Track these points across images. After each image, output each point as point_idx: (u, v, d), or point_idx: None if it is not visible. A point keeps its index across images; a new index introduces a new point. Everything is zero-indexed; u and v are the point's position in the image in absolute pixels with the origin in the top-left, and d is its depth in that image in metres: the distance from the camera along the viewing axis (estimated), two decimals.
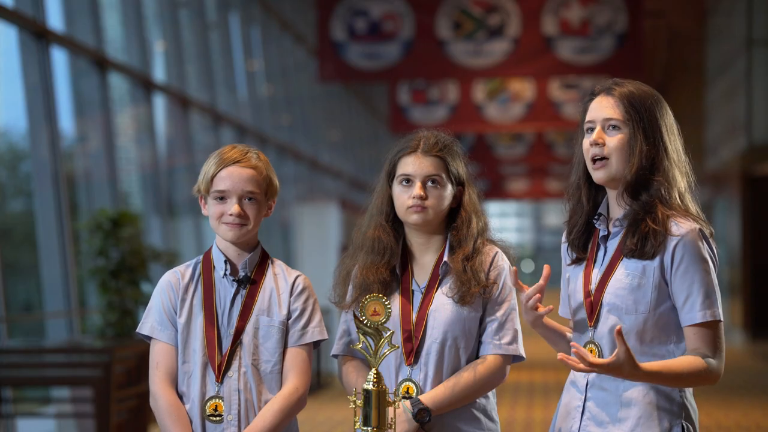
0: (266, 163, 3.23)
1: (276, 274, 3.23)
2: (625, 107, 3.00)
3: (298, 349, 3.19)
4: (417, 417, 3.16)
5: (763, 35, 18.42)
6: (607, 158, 3.00)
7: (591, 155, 3.02)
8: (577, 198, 3.12)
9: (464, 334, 3.24)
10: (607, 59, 14.67)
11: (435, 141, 3.31)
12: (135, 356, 7.99)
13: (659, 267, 2.96)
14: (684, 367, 2.90)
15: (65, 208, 9.51)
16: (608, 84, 3.07)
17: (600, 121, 3.02)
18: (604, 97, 3.04)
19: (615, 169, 3.00)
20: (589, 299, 3.03)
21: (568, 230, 3.14)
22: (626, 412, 2.97)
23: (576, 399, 3.06)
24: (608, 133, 3.01)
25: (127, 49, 12.14)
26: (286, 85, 19.48)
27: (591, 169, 3.03)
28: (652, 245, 2.95)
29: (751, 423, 9.82)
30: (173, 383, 3.16)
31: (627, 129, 3.00)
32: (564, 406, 3.10)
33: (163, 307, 3.19)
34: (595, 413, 3.01)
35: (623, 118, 3.00)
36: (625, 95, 3.02)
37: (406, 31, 14.72)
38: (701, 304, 2.93)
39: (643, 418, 2.96)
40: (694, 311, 2.93)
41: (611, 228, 3.06)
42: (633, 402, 2.97)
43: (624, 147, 2.99)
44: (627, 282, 2.98)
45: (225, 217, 3.16)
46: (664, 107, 3.05)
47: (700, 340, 2.94)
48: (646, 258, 2.96)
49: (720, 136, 21.52)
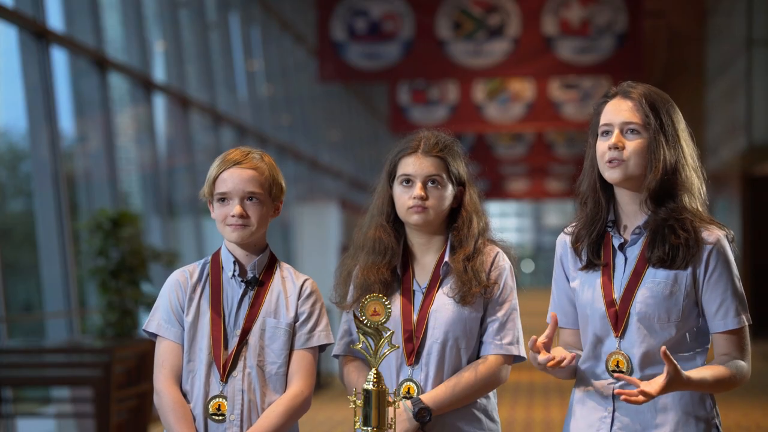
0: (270, 164, 3.22)
1: (284, 277, 3.24)
2: (645, 111, 2.95)
3: (304, 352, 3.19)
4: (417, 416, 3.16)
5: (763, 35, 18.42)
6: (625, 161, 2.94)
7: (608, 158, 2.95)
8: (595, 202, 3.04)
9: (465, 334, 3.24)
10: (607, 59, 14.67)
11: (435, 141, 3.31)
12: (135, 356, 7.98)
13: (692, 275, 2.93)
14: (725, 373, 2.91)
15: (65, 208, 9.51)
16: (624, 86, 3.02)
17: (618, 125, 2.96)
18: (622, 100, 2.99)
19: (631, 170, 2.94)
20: (614, 309, 2.97)
21: (580, 234, 3.06)
22: (663, 417, 2.95)
23: (600, 410, 3.01)
24: (626, 137, 2.96)
25: (127, 49, 12.14)
26: (286, 85, 19.48)
27: (604, 168, 2.97)
28: (685, 255, 2.92)
29: (751, 423, 9.82)
30: (178, 381, 3.17)
31: (647, 134, 2.95)
32: (583, 419, 3.05)
33: (171, 305, 3.20)
34: (626, 423, 2.98)
35: (643, 122, 2.95)
36: (644, 98, 2.97)
37: (406, 31, 14.72)
38: (735, 310, 2.93)
39: (681, 423, 2.95)
40: (729, 317, 2.93)
41: (627, 235, 3.00)
42: (668, 407, 2.96)
43: (644, 151, 2.94)
44: (659, 291, 2.94)
45: (228, 218, 3.16)
46: (678, 111, 3.01)
47: (732, 345, 2.95)
48: (677, 267, 2.93)
49: (720, 136, 21.52)
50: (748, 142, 18.43)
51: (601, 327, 3.00)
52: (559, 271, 3.13)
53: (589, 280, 3.04)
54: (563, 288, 3.12)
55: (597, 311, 3.00)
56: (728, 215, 20.58)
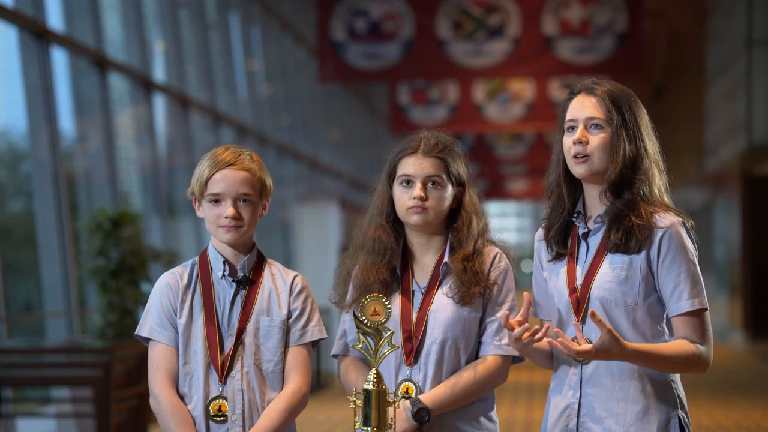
0: (259, 164, 3.23)
1: (273, 275, 3.24)
2: (607, 106, 3.05)
3: (299, 348, 3.20)
4: (416, 416, 3.16)
5: (763, 35, 18.42)
6: (589, 156, 3.04)
7: (573, 153, 3.05)
8: (558, 195, 3.15)
9: (464, 334, 3.24)
10: (607, 59, 14.67)
11: (436, 142, 3.31)
12: (135, 356, 7.98)
13: (646, 259, 3.00)
14: (674, 351, 2.95)
15: (65, 208, 9.51)
16: (588, 83, 3.11)
17: (582, 120, 3.06)
18: (586, 96, 3.08)
19: (596, 165, 3.04)
20: (575, 295, 3.06)
21: (547, 227, 3.17)
22: (624, 406, 3.00)
23: (569, 398, 3.08)
24: (590, 131, 3.05)
25: (127, 49, 12.14)
26: (286, 85, 19.48)
27: (571, 164, 3.07)
28: (637, 240, 3.00)
29: (751, 423, 9.82)
30: (174, 384, 3.16)
31: (609, 128, 3.04)
32: (555, 407, 3.12)
33: (163, 308, 3.19)
34: (591, 409, 3.04)
35: (606, 117, 3.04)
36: (607, 94, 3.06)
37: (406, 31, 14.72)
38: (689, 293, 2.98)
39: (641, 412, 3.00)
40: (683, 300, 2.98)
41: (591, 225, 3.10)
42: (630, 396, 3.00)
43: (606, 146, 3.04)
44: (614, 275, 3.02)
45: (221, 219, 3.16)
46: (641, 107, 3.11)
47: (689, 328, 2.98)
48: (631, 252, 3.01)
49: (720, 136, 21.51)
50: (748, 142, 18.43)
51: (566, 313, 3.09)
52: (536, 264, 3.23)
53: (556, 269, 3.14)
54: (539, 280, 3.22)
55: (562, 298, 3.09)
56: (728, 215, 20.56)
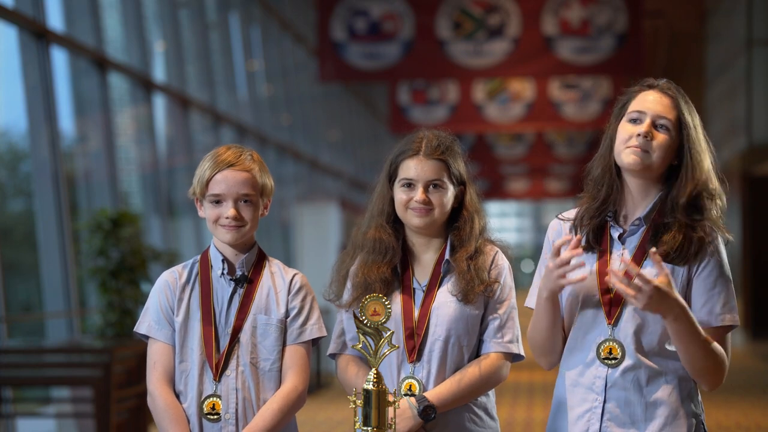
0: (260, 164, 3.23)
1: (273, 273, 3.24)
2: (680, 112, 2.99)
3: (297, 347, 3.19)
4: (422, 414, 3.16)
5: (763, 35, 18.42)
6: (649, 152, 2.96)
7: (634, 143, 2.96)
8: (609, 185, 3.03)
9: (467, 331, 3.25)
10: (607, 59, 14.67)
11: (437, 144, 3.30)
12: (135, 356, 7.98)
13: (687, 271, 2.95)
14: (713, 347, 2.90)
15: (65, 208, 9.51)
16: (663, 84, 3.03)
17: (652, 115, 2.98)
18: (661, 95, 3.01)
19: (655, 163, 2.96)
20: (608, 296, 2.97)
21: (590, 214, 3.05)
22: (653, 412, 2.95)
23: (590, 401, 2.99)
24: (657, 130, 2.98)
25: (127, 49, 12.14)
26: (286, 85, 19.49)
27: (626, 152, 2.97)
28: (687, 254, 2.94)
29: (751, 423, 9.82)
30: (170, 382, 3.16)
31: (675, 133, 2.97)
32: (571, 409, 3.02)
33: (161, 306, 3.20)
34: (617, 414, 2.96)
35: (675, 121, 2.98)
36: (680, 102, 3.00)
37: (406, 31, 14.72)
38: (722, 307, 2.94)
39: (670, 417, 2.95)
40: (714, 314, 2.94)
41: (627, 226, 3.02)
42: (659, 401, 2.95)
43: (667, 149, 2.97)
44: None
45: (222, 220, 3.17)
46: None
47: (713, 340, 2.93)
48: (676, 263, 2.94)
49: (720, 136, 21.52)
50: (748, 142, 18.43)
51: (593, 314, 3.00)
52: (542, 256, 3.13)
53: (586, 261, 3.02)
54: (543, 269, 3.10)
55: (591, 298, 3.00)
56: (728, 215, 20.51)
